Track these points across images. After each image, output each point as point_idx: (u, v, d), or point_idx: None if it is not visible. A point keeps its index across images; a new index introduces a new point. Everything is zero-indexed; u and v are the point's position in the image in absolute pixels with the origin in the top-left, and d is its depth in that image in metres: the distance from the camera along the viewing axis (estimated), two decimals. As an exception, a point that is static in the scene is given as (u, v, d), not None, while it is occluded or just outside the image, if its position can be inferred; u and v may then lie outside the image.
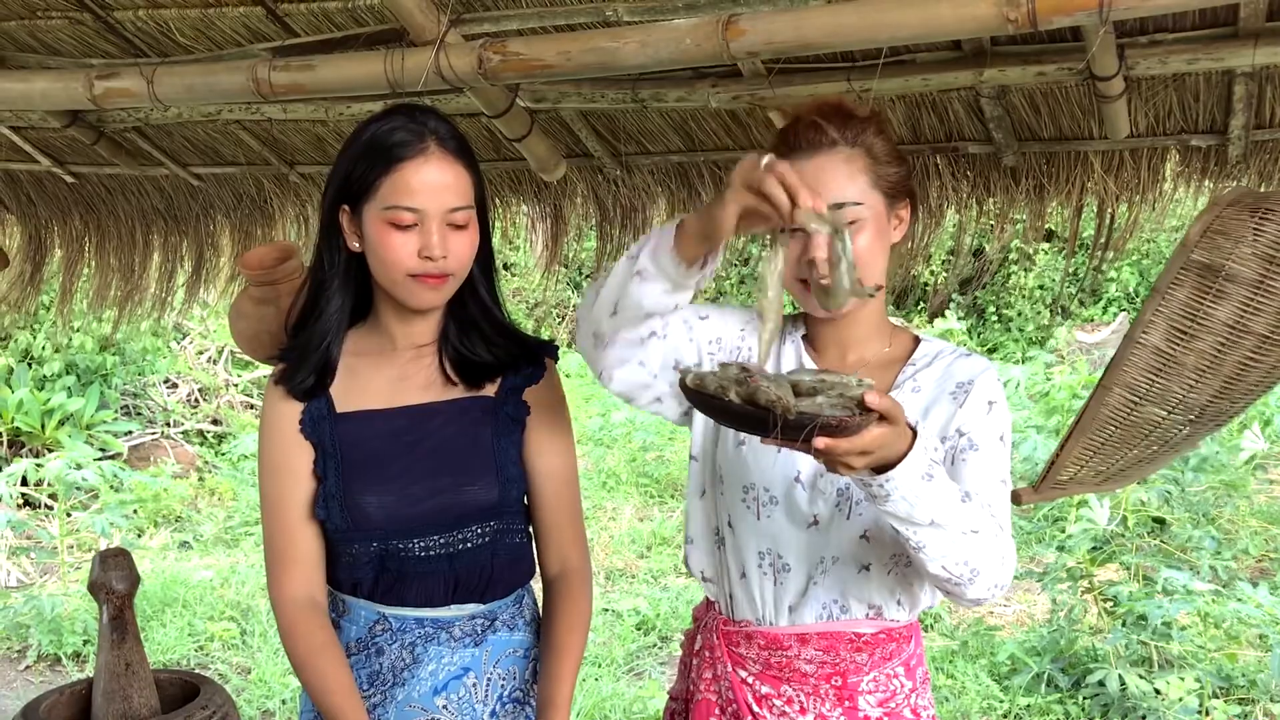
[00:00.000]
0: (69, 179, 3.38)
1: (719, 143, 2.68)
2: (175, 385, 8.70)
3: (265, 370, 1.92)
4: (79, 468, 6.23)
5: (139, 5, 2.34)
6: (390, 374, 1.80)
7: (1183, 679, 4.10)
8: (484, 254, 1.79)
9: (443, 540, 1.77)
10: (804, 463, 1.65)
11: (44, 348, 7.86)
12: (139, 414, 8.34)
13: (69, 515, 6.43)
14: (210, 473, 7.79)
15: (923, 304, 10.28)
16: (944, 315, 9.68)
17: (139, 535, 6.64)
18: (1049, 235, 7.91)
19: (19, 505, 6.64)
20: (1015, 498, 1.76)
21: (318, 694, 1.72)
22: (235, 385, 8.78)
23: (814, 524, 1.68)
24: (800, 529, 1.68)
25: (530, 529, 1.88)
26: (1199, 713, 4.02)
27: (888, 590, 1.69)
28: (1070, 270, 8.60)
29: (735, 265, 9.79)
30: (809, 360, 1.73)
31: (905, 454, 1.40)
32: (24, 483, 6.64)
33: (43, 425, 7.50)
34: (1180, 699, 4.04)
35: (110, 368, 8.11)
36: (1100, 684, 4.18)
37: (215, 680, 1.95)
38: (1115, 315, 9.55)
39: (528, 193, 3.05)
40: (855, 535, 1.67)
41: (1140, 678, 4.14)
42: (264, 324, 2.03)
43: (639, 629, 5.30)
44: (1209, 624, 4.51)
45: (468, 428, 1.79)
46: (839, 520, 1.67)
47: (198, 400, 8.68)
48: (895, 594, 1.70)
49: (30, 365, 7.87)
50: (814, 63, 2.25)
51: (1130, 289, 9.74)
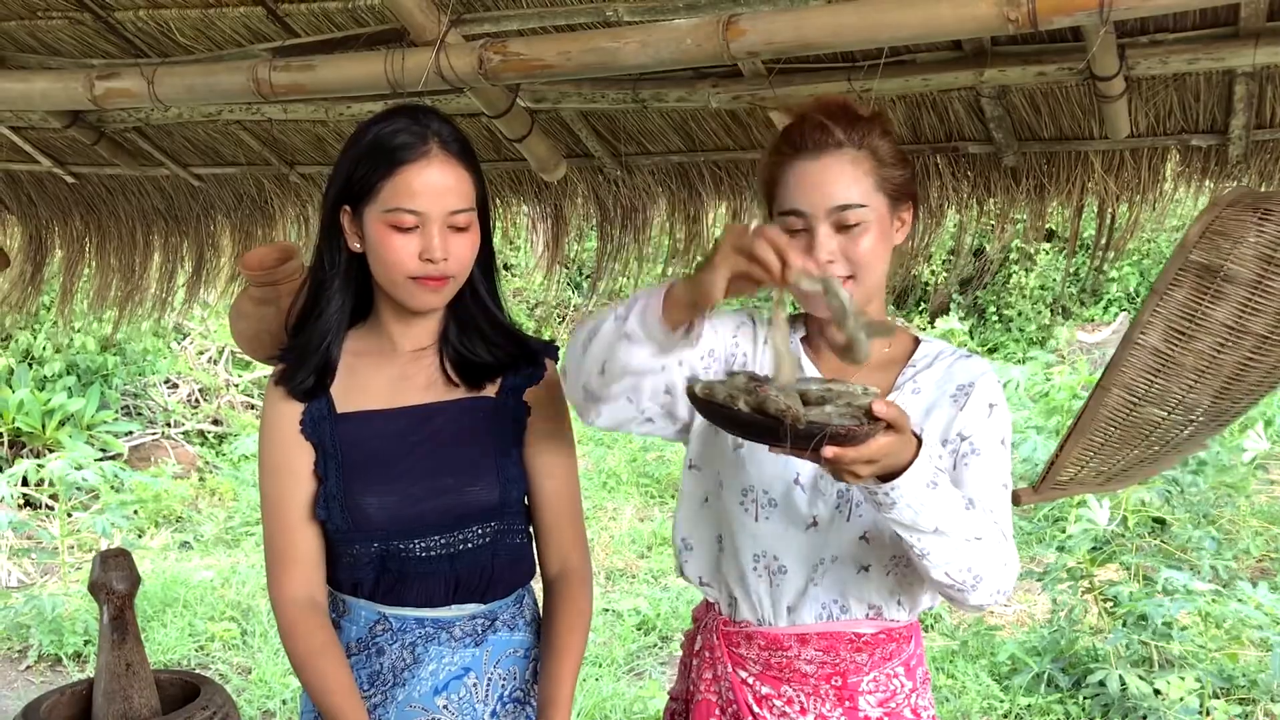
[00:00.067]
0: (69, 179, 3.38)
1: (719, 143, 2.68)
2: (176, 385, 8.70)
3: (266, 370, 1.92)
4: (80, 468, 6.23)
5: (139, 5, 2.34)
6: (391, 374, 1.80)
7: (1183, 679, 4.09)
8: (485, 255, 1.79)
9: (443, 541, 1.76)
10: (803, 465, 1.65)
11: (45, 348, 7.86)
12: (139, 414, 8.34)
13: (70, 515, 6.43)
14: (211, 473, 7.79)
15: (923, 304, 10.27)
16: (946, 315, 9.68)
17: (140, 535, 6.64)
18: (1049, 235, 7.90)
19: (20, 505, 6.64)
20: (1015, 498, 1.76)
21: (318, 694, 1.72)
22: (236, 385, 8.78)
23: (813, 525, 1.68)
24: (799, 531, 1.68)
25: (530, 529, 1.88)
26: (1200, 713, 4.02)
27: (887, 591, 1.69)
28: (1071, 270, 8.59)
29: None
30: (808, 363, 1.73)
31: (910, 462, 1.41)
32: (25, 483, 6.64)
33: (43, 425, 7.51)
34: (1181, 699, 4.04)
35: (111, 368, 8.11)
36: (1101, 684, 4.18)
37: (216, 680, 1.96)
38: (1116, 315, 9.54)
39: (528, 193, 3.05)
40: (855, 536, 1.66)
41: (1140, 678, 4.14)
42: (264, 324, 2.03)
43: (639, 629, 5.30)
44: (1210, 624, 4.51)
45: (468, 428, 1.79)
46: (839, 522, 1.66)
47: (198, 400, 8.69)
48: (895, 594, 1.69)
49: (31, 365, 7.87)
50: (814, 63, 2.25)
51: (1131, 289, 9.73)
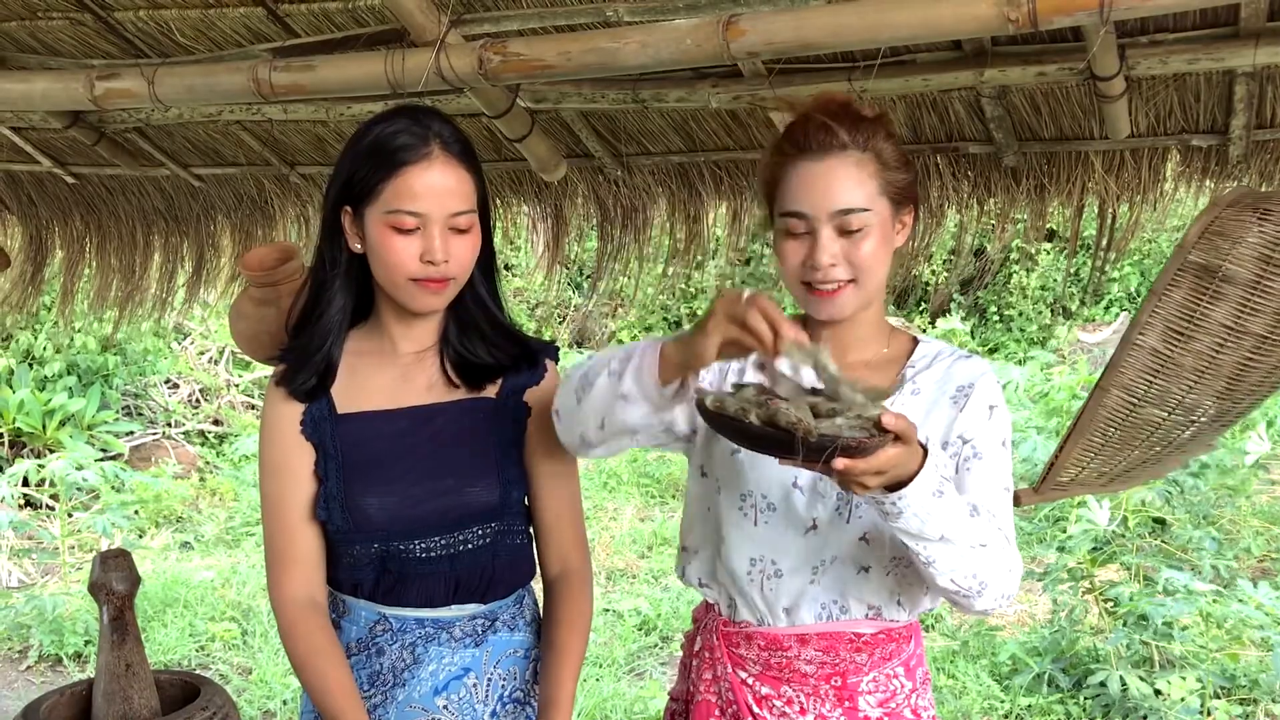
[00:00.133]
0: (70, 180, 3.39)
1: (720, 143, 2.68)
2: (176, 386, 8.70)
3: (266, 371, 1.92)
4: (80, 468, 6.23)
5: (140, 6, 2.34)
6: (391, 375, 1.80)
7: (1184, 679, 4.09)
8: (485, 256, 1.79)
9: (443, 541, 1.76)
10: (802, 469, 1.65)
11: (45, 348, 7.86)
12: (140, 414, 8.34)
13: (70, 516, 6.43)
14: (211, 473, 7.79)
15: (924, 304, 10.26)
16: (947, 315, 9.67)
17: (140, 536, 6.63)
18: (1050, 235, 7.89)
19: (20, 506, 6.64)
20: (1015, 499, 1.76)
21: (318, 694, 1.72)
22: (236, 386, 8.78)
23: (813, 528, 1.67)
24: (799, 534, 1.68)
25: (531, 530, 1.88)
26: (1200, 713, 4.02)
27: (887, 591, 1.69)
28: (1072, 270, 8.58)
29: (736, 266, 9.78)
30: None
31: (916, 472, 1.41)
32: (25, 483, 6.64)
33: (44, 426, 7.51)
34: (1182, 699, 4.04)
35: (111, 368, 8.11)
36: (1101, 684, 4.18)
37: (216, 681, 1.95)
38: (1117, 315, 9.53)
39: (528, 193, 3.06)
40: (855, 538, 1.66)
41: (1141, 678, 4.14)
42: (264, 324, 2.03)
43: (640, 629, 5.30)
44: (1210, 624, 4.50)
45: (469, 429, 1.79)
46: (838, 524, 1.66)
47: (199, 401, 8.68)
48: (895, 594, 1.69)
49: (31, 366, 7.87)
50: (814, 63, 2.25)
51: (1132, 289, 9.72)
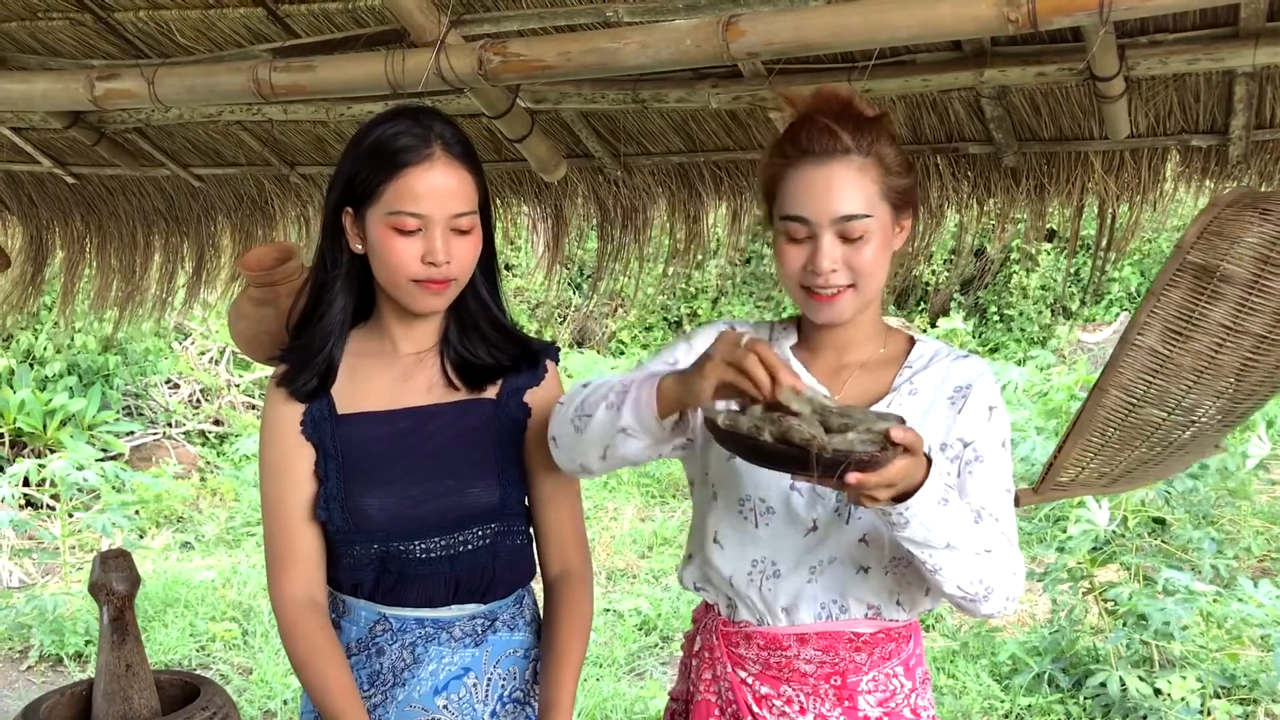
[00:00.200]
0: (70, 180, 3.39)
1: (719, 143, 2.68)
2: (177, 386, 8.70)
3: (266, 371, 1.92)
4: (81, 468, 6.23)
5: (140, 6, 2.34)
6: (392, 375, 1.80)
7: (1184, 679, 4.09)
8: (486, 257, 1.79)
9: (443, 542, 1.76)
10: None
11: (46, 348, 7.86)
12: (141, 414, 8.34)
13: (71, 516, 6.43)
14: (212, 473, 7.79)
15: (923, 304, 10.26)
16: (948, 315, 9.67)
17: (141, 536, 6.64)
18: (1050, 235, 7.89)
19: (21, 506, 6.64)
20: (1015, 499, 1.76)
21: (318, 694, 1.72)
22: (237, 386, 8.78)
23: (813, 529, 1.67)
24: (799, 535, 1.68)
25: (530, 530, 1.88)
26: (1201, 713, 4.02)
27: (886, 591, 1.69)
28: (1072, 271, 8.58)
29: (737, 265, 9.78)
30: (801, 368, 1.71)
31: (922, 482, 1.42)
32: (26, 483, 6.64)
33: (44, 426, 7.51)
34: (1182, 699, 4.04)
35: (112, 368, 8.11)
36: (1101, 684, 4.18)
37: (216, 681, 1.95)
38: (1117, 315, 9.53)
39: (528, 193, 3.06)
40: (854, 539, 1.66)
41: (1141, 678, 4.14)
42: (263, 325, 2.03)
43: (640, 629, 5.30)
44: (1210, 624, 4.50)
45: (469, 430, 1.79)
46: (838, 524, 1.66)
47: (199, 401, 8.69)
48: (894, 594, 1.69)
49: (32, 366, 7.87)
50: (814, 63, 2.25)
51: (1132, 289, 9.72)
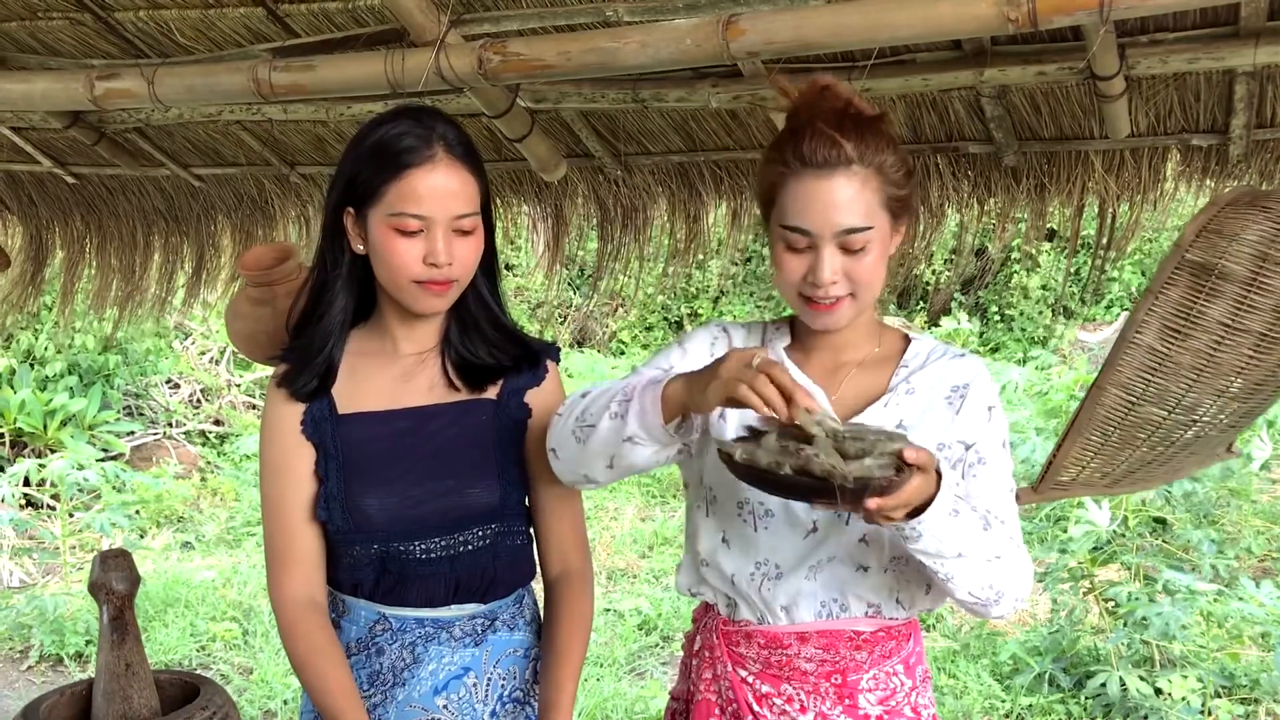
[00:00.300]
0: (70, 180, 3.38)
1: (720, 143, 2.68)
2: (177, 386, 8.70)
3: (267, 371, 1.92)
4: (81, 468, 6.23)
5: (139, 6, 2.34)
6: (392, 375, 1.80)
7: (1185, 678, 4.10)
8: (487, 257, 1.79)
9: (444, 542, 1.76)
10: None
11: (46, 348, 7.86)
12: (141, 414, 8.34)
13: (71, 516, 6.43)
14: (212, 473, 7.79)
15: (922, 304, 10.26)
16: (952, 316, 9.67)
17: (141, 536, 6.64)
18: (1050, 235, 7.89)
19: (21, 505, 6.65)
20: (1015, 498, 1.76)
21: (317, 694, 1.72)
22: (237, 386, 8.78)
23: (813, 531, 1.67)
24: (799, 537, 1.68)
25: (531, 530, 1.88)
26: (1201, 712, 4.02)
27: (886, 589, 1.69)
28: (1072, 270, 8.58)
29: (737, 265, 9.79)
30: (795, 369, 1.70)
31: (934, 496, 1.43)
32: (26, 483, 6.65)
33: (45, 426, 7.51)
34: (1183, 699, 4.04)
35: (113, 368, 8.11)
36: (1102, 684, 4.18)
37: (216, 681, 1.95)
38: (1118, 315, 9.53)
39: (528, 193, 3.05)
40: (854, 539, 1.66)
41: (1142, 678, 4.14)
42: (260, 324, 2.03)
43: (641, 629, 5.30)
44: (1211, 623, 4.50)
45: (469, 430, 1.79)
46: (838, 526, 1.66)
47: (200, 401, 8.69)
48: (894, 592, 1.69)
49: (32, 366, 7.87)
50: (814, 63, 2.25)
51: (1132, 289, 9.72)
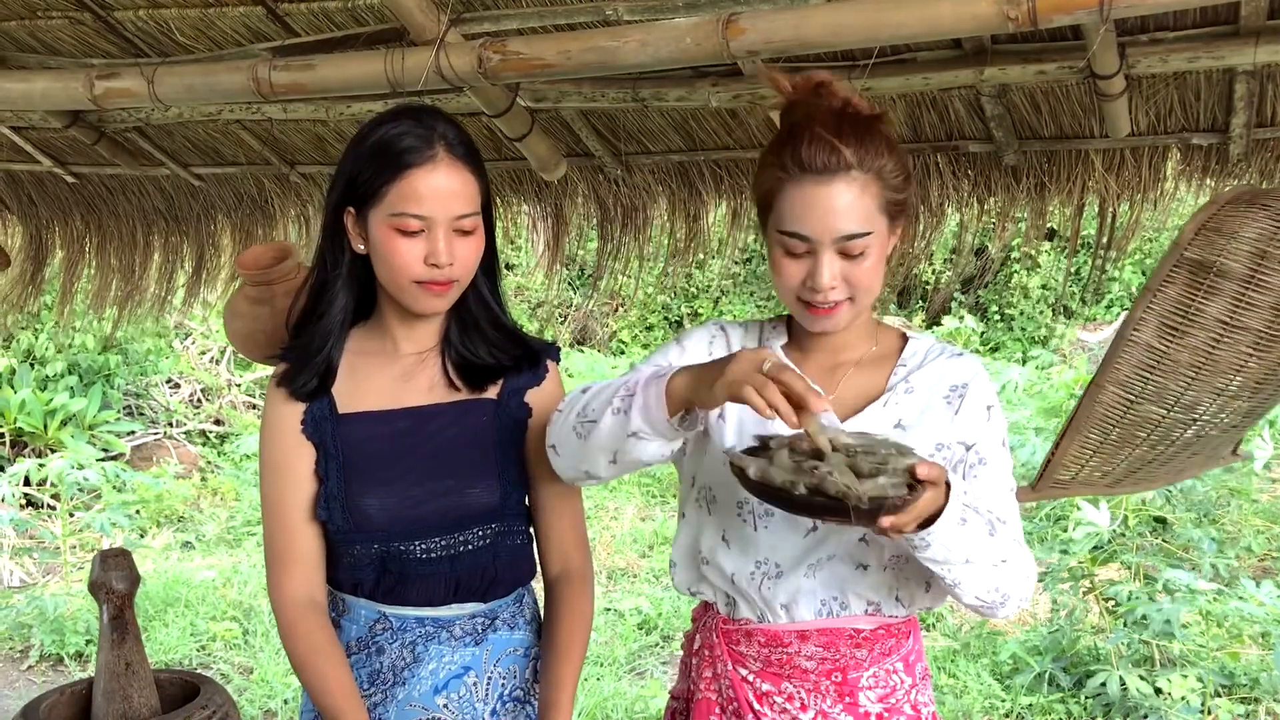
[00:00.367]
0: (70, 179, 3.39)
1: (720, 142, 2.68)
2: (178, 385, 8.70)
3: (267, 370, 1.92)
4: (81, 468, 6.24)
5: (139, 5, 2.34)
6: (393, 375, 1.80)
7: (1185, 678, 4.10)
8: (488, 257, 1.78)
9: (444, 542, 1.76)
10: None
11: (47, 348, 7.87)
12: (141, 414, 8.34)
13: (71, 515, 6.43)
14: (213, 473, 7.79)
15: (922, 303, 10.26)
16: (955, 315, 9.66)
17: (142, 535, 6.64)
18: (1051, 234, 7.90)
19: (21, 505, 6.65)
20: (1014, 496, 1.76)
21: (317, 694, 1.72)
22: (238, 385, 8.78)
23: (813, 530, 1.67)
24: (799, 537, 1.68)
25: (531, 530, 1.88)
26: (1201, 712, 4.02)
27: (886, 587, 1.69)
28: (1073, 270, 8.58)
29: (737, 263, 9.78)
30: (792, 367, 1.70)
31: (944, 508, 1.44)
32: (26, 483, 6.65)
33: (45, 425, 7.51)
34: (1183, 698, 4.04)
35: (113, 368, 8.11)
36: (1102, 683, 4.18)
37: (216, 680, 1.95)
38: (1118, 314, 9.53)
39: (528, 192, 3.05)
40: (854, 538, 1.66)
41: (1142, 677, 4.14)
42: (258, 323, 2.03)
43: (641, 628, 5.30)
44: (1211, 622, 4.50)
45: (469, 430, 1.79)
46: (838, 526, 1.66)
47: (200, 400, 8.69)
48: (893, 590, 1.70)
49: (33, 365, 7.87)
50: (814, 62, 2.25)
51: (1133, 288, 9.72)
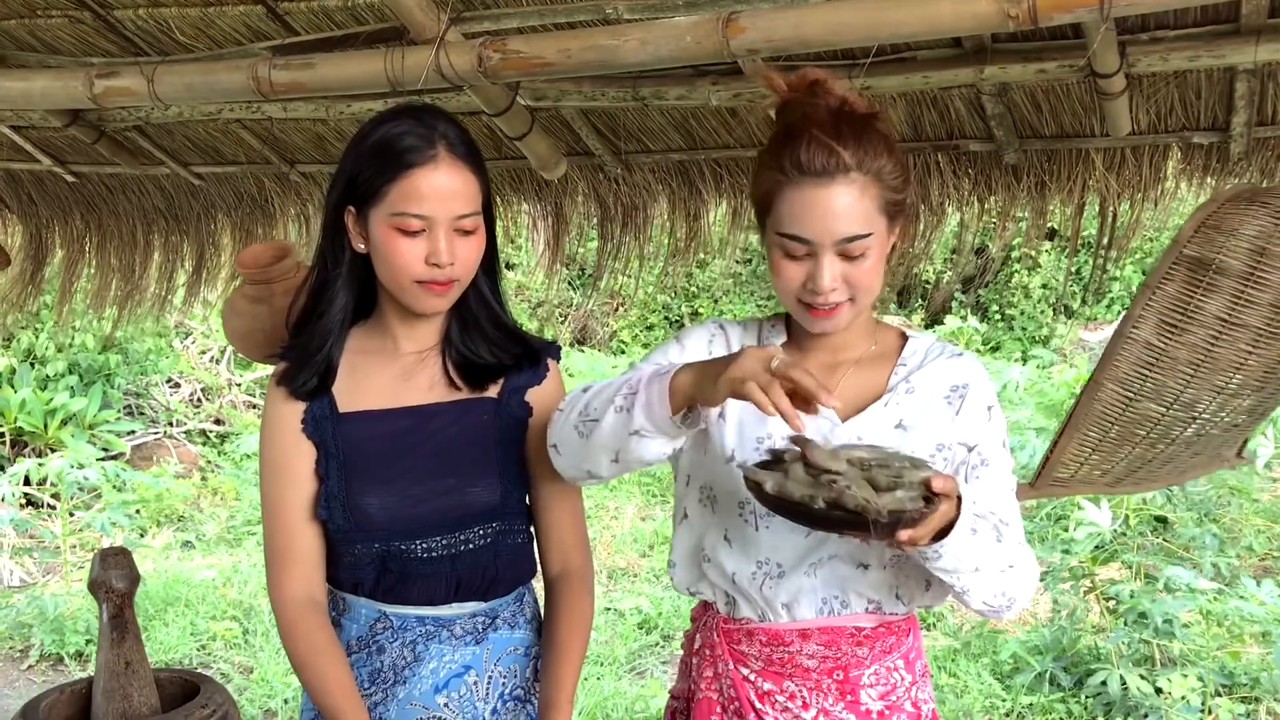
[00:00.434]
0: (70, 178, 3.38)
1: (720, 141, 2.68)
2: (178, 385, 8.70)
3: (268, 370, 1.92)
4: (81, 467, 6.23)
5: (139, 4, 2.34)
6: (393, 374, 1.80)
7: (1185, 677, 4.10)
8: (488, 256, 1.78)
9: (444, 541, 1.76)
10: None
11: (47, 347, 7.87)
12: (142, 414, 8.34)
13: (71, 515, 6.43)
14: (213, 472, 7.79)
15: (922, 303, 10.26)
16: (956, 314, 9.66)
17: (142, 535, 6.64)
18: (1051, 234, 7.89)
19: (22, 505, 6.65)
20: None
21: (317, 694, 1.72)
22: (238, 385, 8.78)
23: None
24: (800, 537, 1.68)
25: (531, 529, 1.88)
26: (1202, 711, 4.02)
27: (886, 585, 1.69)
28: (1073, 269, 8.57)
29: (738, 263, 9.78)
30: None
31: (956, 519, 1.45)
32: (26, 482, 6.65)
33: (45, 425, 7.51)
34: (1183, 697, 4.04)
35: (113, 367, 8.11)
36: (1103, 683, 4.18)
37: (216, 679, 1.95)
38: (1119, 313, 9.53)
39: (529, 191, 3.05)
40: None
41: (1142, 677, 4.14)
42: (257, 322, 2.02)
43: (641, 628, 5.30)
44: (1211, 622, 4.50)
45: (470, 429, 1.79)
46: (839, 525, 1.66)
47: (200, 400, 8.69)
48: (893, 588, 1.70)
49: (33, 365, 7.87)
50: (814, 61, 2.25)
51: (1133, 287, 9.72)
